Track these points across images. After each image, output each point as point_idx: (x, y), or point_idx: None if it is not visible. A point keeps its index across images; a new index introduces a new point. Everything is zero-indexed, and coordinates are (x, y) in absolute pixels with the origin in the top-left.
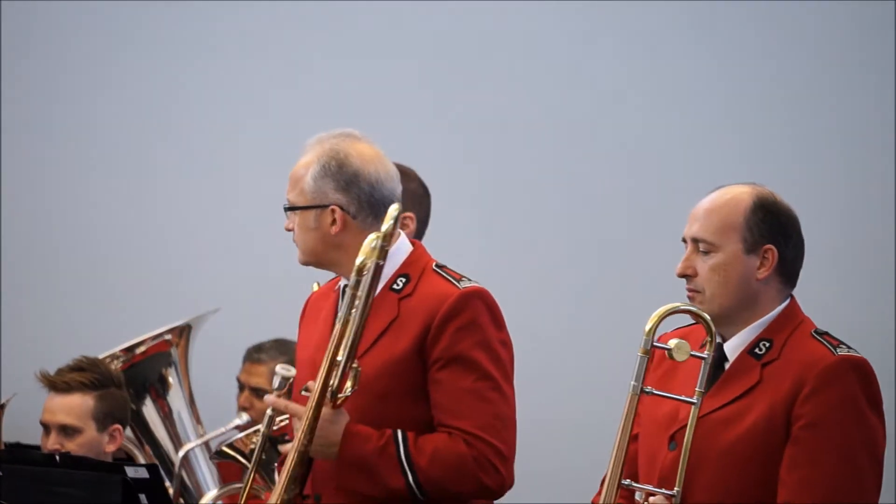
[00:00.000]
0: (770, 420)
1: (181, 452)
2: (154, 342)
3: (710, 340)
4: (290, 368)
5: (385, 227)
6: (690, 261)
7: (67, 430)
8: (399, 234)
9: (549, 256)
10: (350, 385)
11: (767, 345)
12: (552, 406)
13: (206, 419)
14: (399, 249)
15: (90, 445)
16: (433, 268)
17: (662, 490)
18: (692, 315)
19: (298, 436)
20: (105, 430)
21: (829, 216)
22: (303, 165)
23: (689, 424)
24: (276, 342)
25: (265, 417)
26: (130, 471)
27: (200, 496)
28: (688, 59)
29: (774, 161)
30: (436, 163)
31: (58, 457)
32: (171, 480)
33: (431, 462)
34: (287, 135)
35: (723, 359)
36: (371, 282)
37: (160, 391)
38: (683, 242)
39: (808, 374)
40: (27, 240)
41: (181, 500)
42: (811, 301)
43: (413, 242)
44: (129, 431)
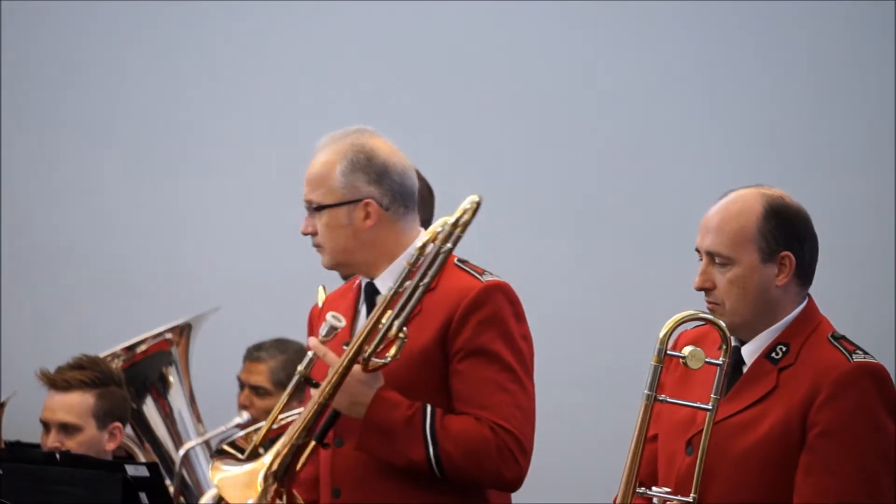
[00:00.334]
0: (786, 427)
1: (182, 451)
2: (155, 341)
3: (726, 348)
4: (341, 318)
5: (458, 215)
6: (708, 274)
7: (67, 429)
8: (420, 231)
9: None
10: (393, 353)
11: (784, 349)
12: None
13: (207, 418)
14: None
15: (90, 444)
16: (455, 262)
17: (678, 497)
18: (706, 322)
19: (322, 387)
20: (105, 429)
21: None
22: (324, 164)
23: (705, 431)
24: (277, 341)
25: (305, 358)
26: (131, 469)
27: (201, 495)
28: (689, 60)
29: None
30: (439, 164)
31: (58, 455)
32: (172, 479)
33: (455, 441)
34: (288, 136)
35: (740, 362)
36: (436, 263)
37: (161, 390)
38: (697, 252)
39: (824, 381)
40: (28, 238)
41: (181, 499)
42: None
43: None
44: (130, 430)
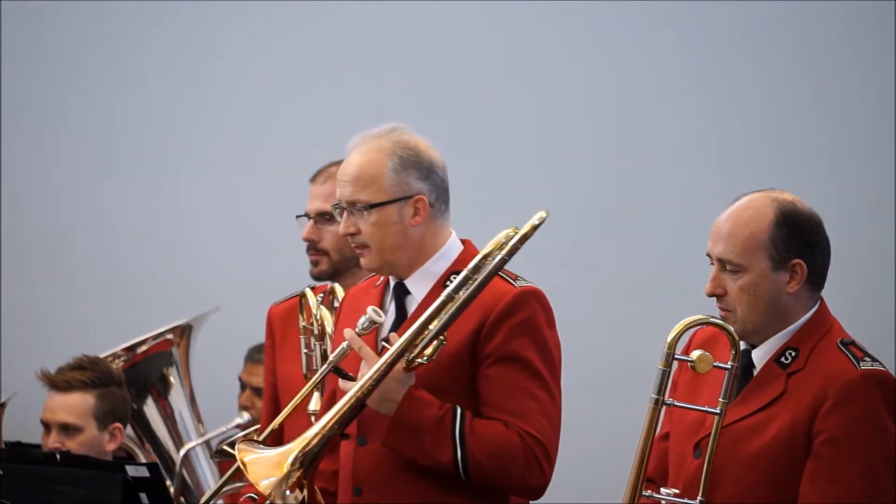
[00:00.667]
0: (792, 432)
1: (182, 451)
2: (155, 341)
3: (735, 353)
4: (382, 314)
5: (527, 230)
6: (719, 280)
7: (68, 429)
8: (451, 233)
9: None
10: (429, 354)
11: (794, 354)
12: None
13: (207, 418)
14: (450, 247)
15: (91, 444)
16: None
17: (685, 500)
18: (715, 327)
19: (362, 381)
20: (105, 429)
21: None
22: (371, 162)
23: (713, 435)
24: None
25: (339, 349)
26: (131, 469)
27: (201, 495)
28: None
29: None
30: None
31: (58, 455)
32: (172, 479)
33: (483, 445)
34: (289, 136)
35: (751, 365)
36: (491, 271)
37: (161, 390)
38: (708, 257)
39: (831, 388)
40: (28, 239)
41: (182, 499)
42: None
43: (463, 241)
44: (131, 430)
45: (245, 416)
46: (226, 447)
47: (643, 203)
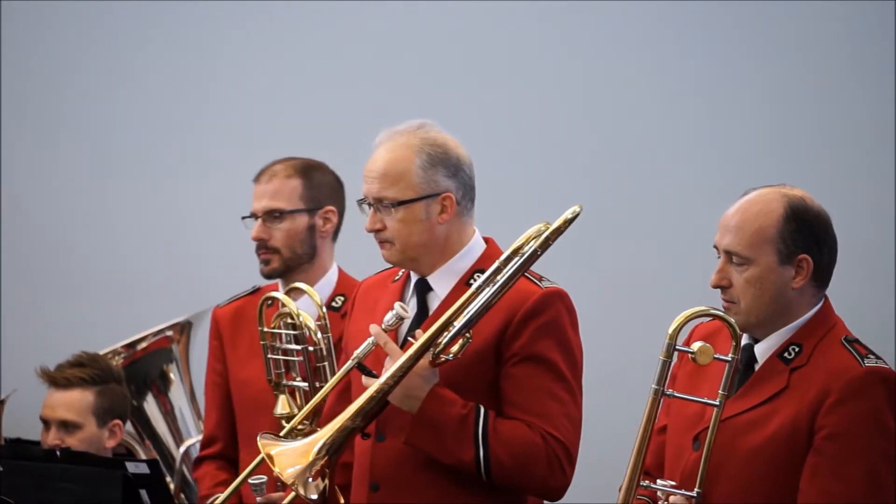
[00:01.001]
0: (794, 427)
1: (182, 448)
2: (155, 338)
3: (735, 345)
4: (408, 309)
5: (560, 223)
6: (725, 272)
7: (67, 426)
8: (475, 231)
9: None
10: (455, 350)
11: (797, 349)
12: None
13: None
14: (474, 245)
15: (90, 441)
16: None
17: (682, 491)
18: (717, 319)
19: (387, 375)
20: (105, 426)
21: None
22: (399, 159)
23: (712, 426)
24: None
25: (365, 344)
26: (131, 466)
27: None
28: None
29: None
30: None
31: (58, 452)
32: (172, 476)
33: (505, 446)
34: (289, 136)
35: (753, 360)
36: (522, 265)
37: (161, 387)
38: (715, 249)
39: (834, 385)
40: (28, 236)
41: (182, 496)
42: None
43: (486, 240)
44: (131, 427)
45: None
46: None
47: (644, 202)
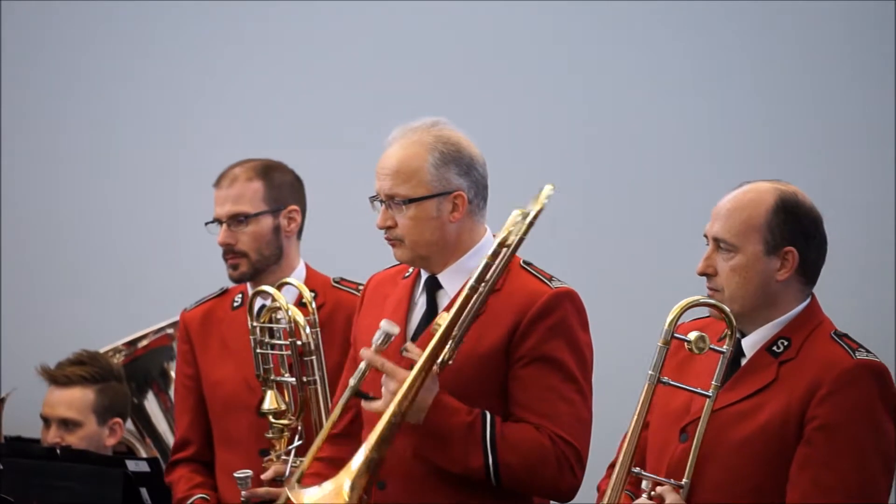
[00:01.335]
0: (784, 418)
1: None
2: (156, 336)
3: (730, 335)
4: (395, 325)
5: (538, 207)
6: (711, 260)
7: (68, 424)
8: (486, 230)
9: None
10: (448, 354)
11: (786, 343)
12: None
13: None
14: (485, 244)
15: (90, 439)
16: (521, 264)
17: (670, 480)
18: (713, 308)
19: (397, 398)
20: (105, 424)
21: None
22: (412, 156)
23: (703, 416)
24: None
25: (357, 371)
26: (131, 464)
27: None
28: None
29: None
30: None
31: (59, 450)
32: None
33: (514, 451)
34: (288, 136)
35: (739, 354)
36: (509, 258)
37: (162, 385)
38: (705, 238)
39: (826, 376)
40: (27, 234)
41: None
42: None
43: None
44: (131, 425)
45: None
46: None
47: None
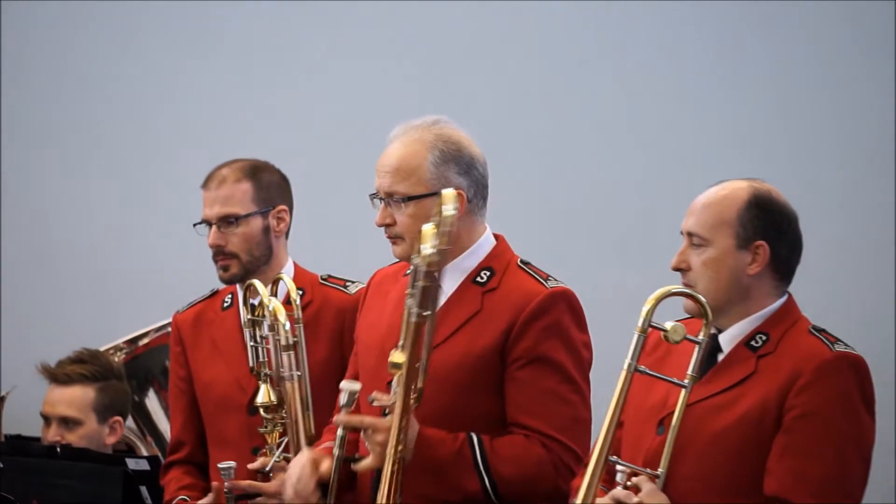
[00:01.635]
0: (763, 410)
1: None
2: (157, 334)
3: (706, 323)
4: (355, 383)
5: (449, 212)
6: (684, 255)
7: (68, 422)
8: (486, 229)
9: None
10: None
11: (764, 338)
12: None
13: None
14: (483, 243)
15: (90, 437)
16: (518, 263)
17: (647, 470)
18: (689, 298)
19: (390, 446)
20: (105, 422)
21: (829, 215)
22: (412, 154)
23: (679, 407)
24: None
25: (337, 439)
26: (132, 463)
27: None
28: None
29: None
30: None
31: (59, 449)
32: None
33: (509, 465)
34: (288, 133)
35: (716, 349)
36: (439, 275)
37: (163, 383)
38: (682, 235)
39: (806, 367)
40: (27, 233)
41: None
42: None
43: (496, 236)
44: (132, 423)
45: None
46: None
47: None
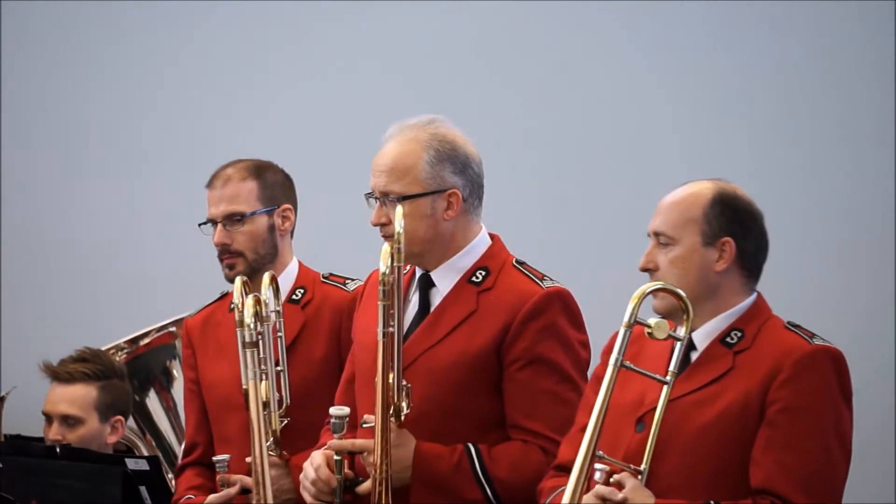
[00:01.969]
0: (744, 404)
1: (184, 444)
2: (158, 334)
3: (687, 319)
4: (343, 408)
5: (399, 228)
6: (652, 255)
7: (69, 421)
8: (481, 228)
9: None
10: (406, 403)
11: (739, 334)
12: None
13: None
14: (479, 242)
15: (92, 436)
16: (513, 263)
17: (630, 465)
18: (670, 294)
19: (377, 468)
20: (107, 422)
21: (829, 215)
22: (407, 154)
23: (661, 403)
24: None
25: (335, 465)
26: (131, 463)
27: None
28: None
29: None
30: None
31: (58, 449)
32: (174, 472)
33: (510, 473)
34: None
35: (690, 348)
36: (400, 289)
37: (164, 383)
38: (649, 237)
39: (786, 361)
40: (27, 232)
41: None
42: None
43: (491, 236)
44: (132, 422)
45: None
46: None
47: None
